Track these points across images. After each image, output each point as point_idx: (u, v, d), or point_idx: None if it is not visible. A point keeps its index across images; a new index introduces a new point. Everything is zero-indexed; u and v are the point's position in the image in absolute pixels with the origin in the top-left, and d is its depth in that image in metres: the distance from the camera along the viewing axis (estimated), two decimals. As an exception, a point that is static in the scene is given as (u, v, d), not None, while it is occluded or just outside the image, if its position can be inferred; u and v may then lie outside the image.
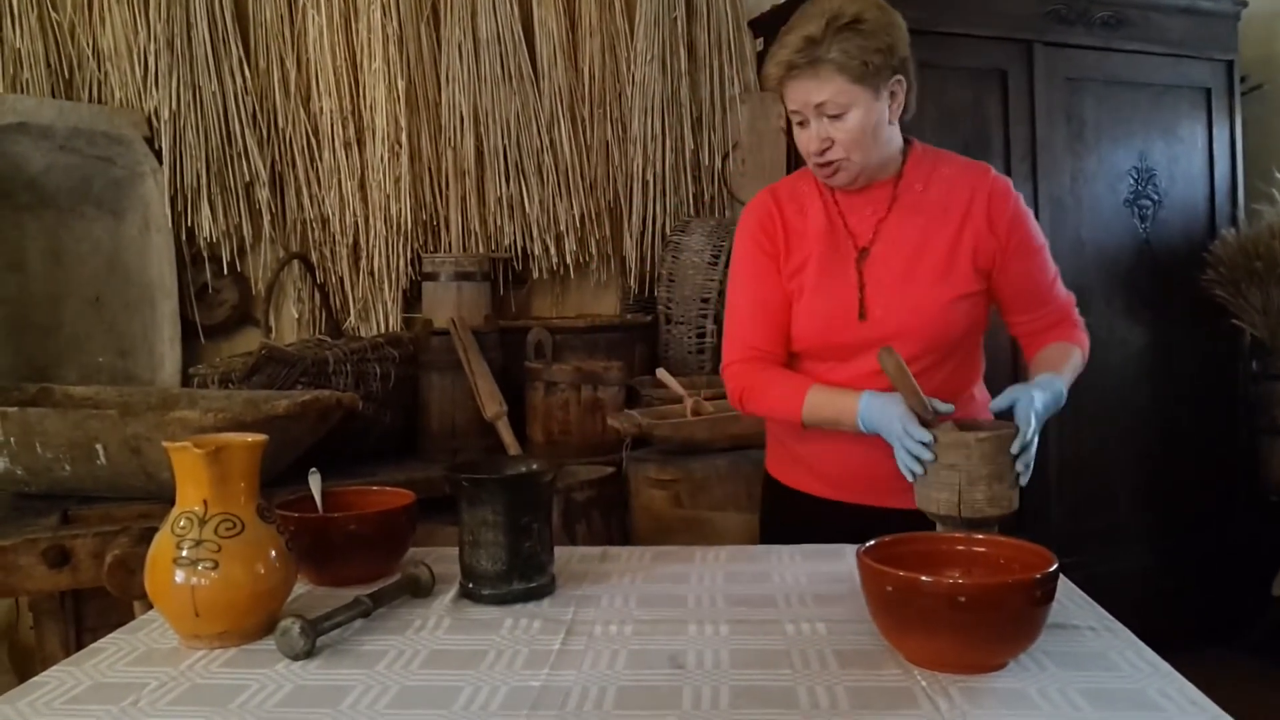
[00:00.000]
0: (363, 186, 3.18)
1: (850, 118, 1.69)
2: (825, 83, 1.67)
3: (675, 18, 3.48)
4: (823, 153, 1.72)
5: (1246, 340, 3.65)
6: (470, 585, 1.44)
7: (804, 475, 1.89)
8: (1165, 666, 1.12)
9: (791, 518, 1.89)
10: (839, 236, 1.80)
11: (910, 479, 1.57)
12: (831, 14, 1.65)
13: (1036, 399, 1.61)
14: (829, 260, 1.79)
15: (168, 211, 2.94)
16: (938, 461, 1.54)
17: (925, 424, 1.58)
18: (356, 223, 3.18)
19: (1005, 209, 1.78)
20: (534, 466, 1.52)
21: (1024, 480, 1.57)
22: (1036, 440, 1.59)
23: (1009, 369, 3.34)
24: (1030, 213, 1.85)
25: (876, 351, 1.62)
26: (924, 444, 1.54)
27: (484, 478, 1.46)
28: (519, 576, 1.43)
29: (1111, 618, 1.29)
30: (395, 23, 3.15)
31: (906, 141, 1.84)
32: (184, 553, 1.24)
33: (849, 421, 1.67)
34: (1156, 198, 3.58)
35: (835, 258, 1.79)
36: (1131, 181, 3.55)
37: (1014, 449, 1.53)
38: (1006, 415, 1.62)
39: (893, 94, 1.73)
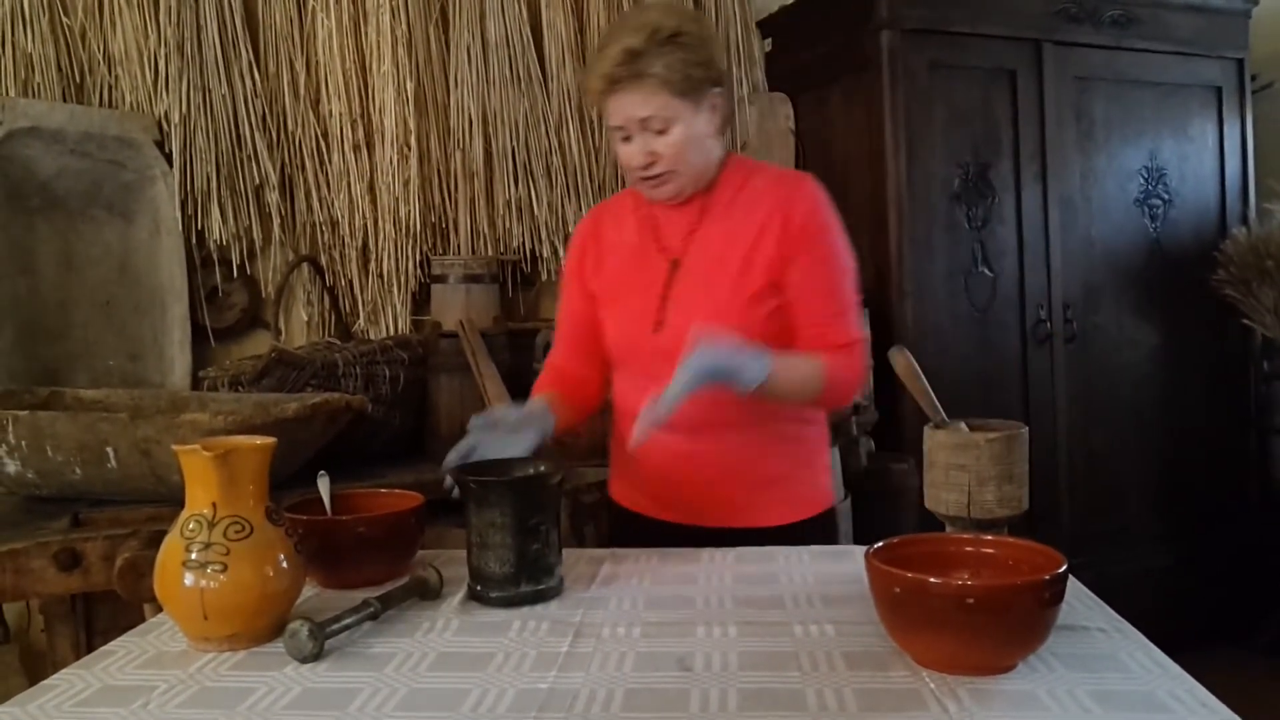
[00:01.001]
0: (372, 189, 3.19)
1: (674, 132, 1.68)
2: (649, 97, 1.65)
3: (683, 19, 3.47)
4: (648, 167, 1.70)
5: (1258, 340, 3.64)
6: (478, 588, 1.44)
7: (639, 496, 1.88)
8: (1175, 668, 1.12)
9: (632, 541, 1.81)
10: (648, 250, 1.80)
11: None
12: (652, 27, 1.64)
13: (708, 357, 1.52)
14: (634, 273, 1.80)
15: (178, 215, 2.94)
16: (947, 462, 1.53)
17: (937, 425, 1.58)
18: (365, 225, 3.18)
19: (801, 215, 1.72)
20: (542, 468, 1.52)
21: (640, 433, 1.51)
22: (678, 392, 1.49)
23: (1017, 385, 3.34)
24: (838, 232, 1.76)
25: (673, 365, 1.56)
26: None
27: (492, 480, 1.46)
28: (527, 579, 1.43)
29: (1121, 619, 1.29)
30: (404, 25, 3.15)
31: (727, 154, 1.82)
32: (193, 555, 1.24)
33: None
34: (1167, 197, 3.57)
35: (642, 270, 1.79)
36: (1141, 181, 3.54)
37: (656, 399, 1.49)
38: None
39: (713, 107, 1.72)
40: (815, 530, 1.81)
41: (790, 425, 1.81)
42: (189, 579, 1.24)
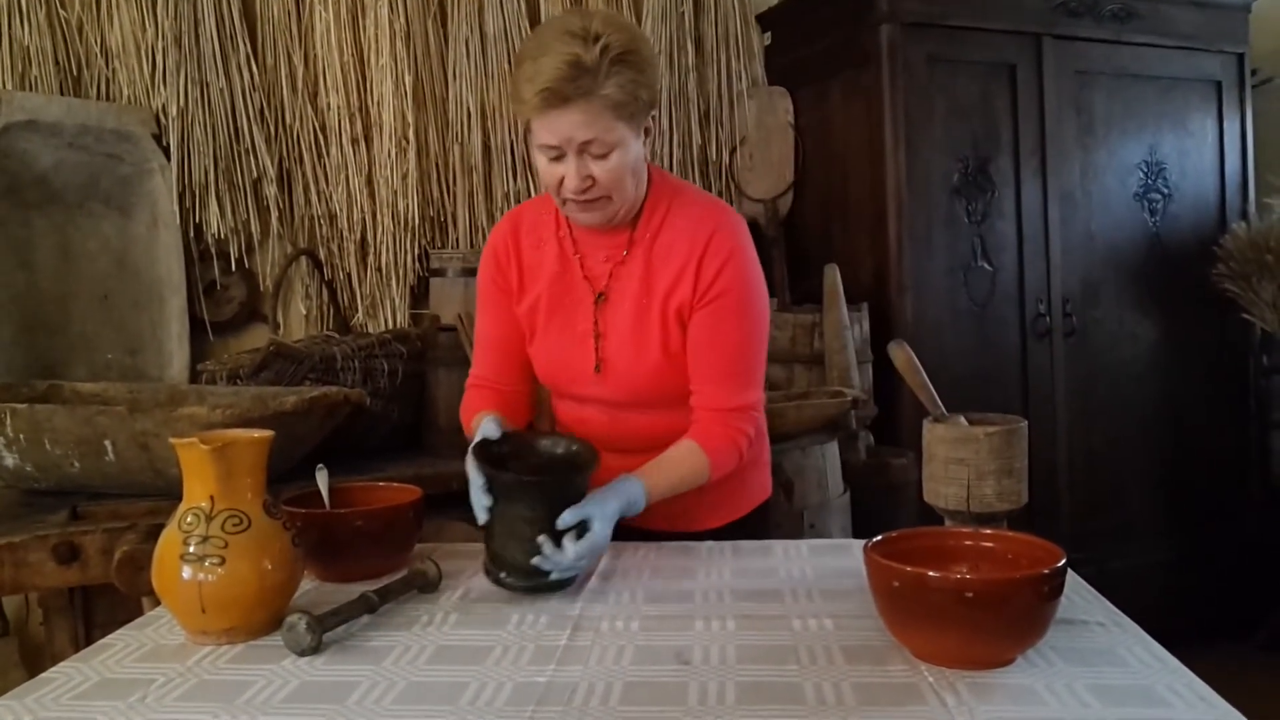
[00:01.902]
0: (370, 182, 3.19)
1: (614, 156, 1.55)
2: (595, 119, 1.50)
3: (682, 12, 3.48)
4: (583, 191, 1.56)
5: (1257, 334, 3.63)
6: (501, 574, 1.43)
7: None
8: (1174, 662, 1.12)
9: None
10: (574, 280, 1.70)
11: (479, 516, 1.47)
12: (603, 43, 1.48)
13: (609, 505, 1.48)
14: (562, 304, 1.71)
15: (176, 208, 2.94)
16: (946, 456, 1.53)
17: (936, 419, 1.57)
18: (364, 219, 3.18)
19: (713, 270, 1.63)
20: (574, 448, 1.52)
21: (541, 564, 1.40)
22: (583, 562, 1.44)
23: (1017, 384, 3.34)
24: (750, 285, 1.67)
25: (607, 397, 1.65)
26: (479, 488, 1.46)
27: (530, 480, 1.46)
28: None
29: (1120, 613, 1.29)
30: (402, 19, 3.15)
31: (649, 174, 1.70)
32: (191, 549, 1.24)
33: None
34: (1166, 191, 3.57)
35: (569, 302, 1.71)
36: (1141, 175, 3.53)
37: (562, 548, 1.40)
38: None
39: (647, 130, 1.61)
40: (748, 527, 1.80)
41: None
42: (187, 572, 1.24)
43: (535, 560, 1.40)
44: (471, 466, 1.47)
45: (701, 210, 1.69)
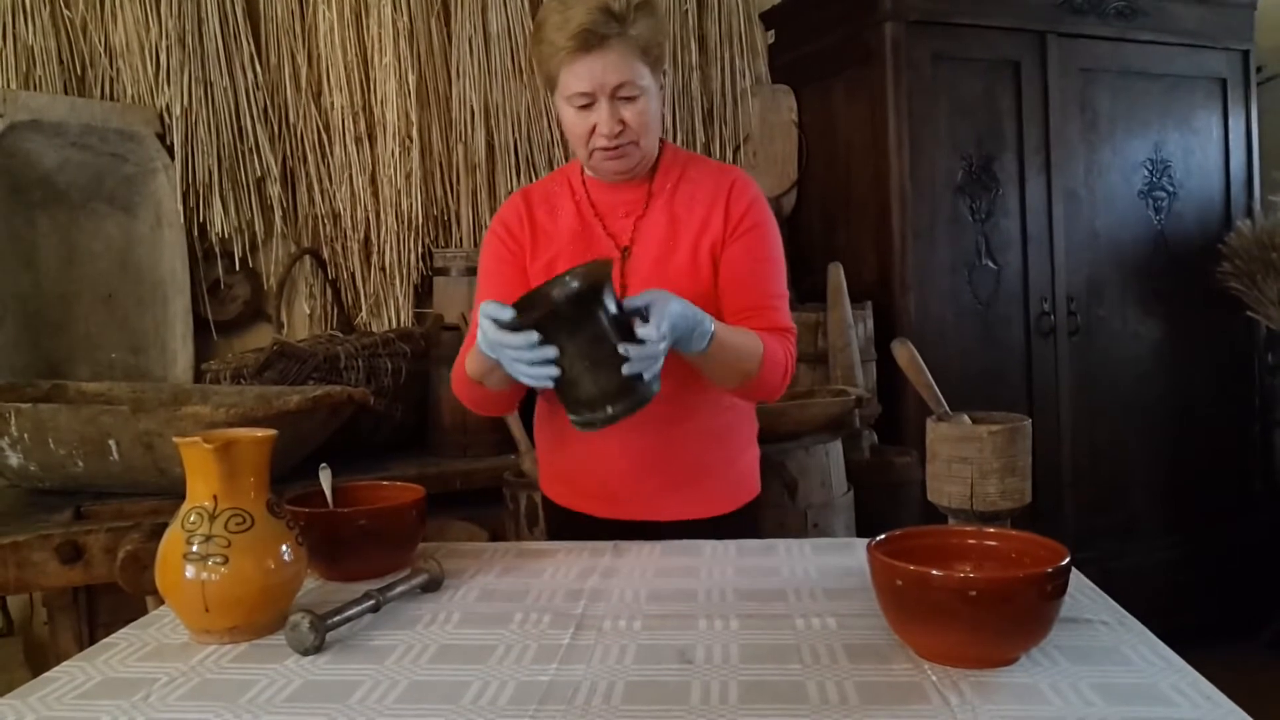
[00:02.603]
0: (374, 181, 3.19)
1: (641, 100, 1.61)
2: (625, 62, 1.58)
3: (686, 10, 3.48)
4: (616, 136, 1.61)
5: (1262, 332, 3.63)
6: (609, 408, 1.38)
7: (563, 489, 1.85)
8: (1179, 661, 1.11)
9: (562, 535, 1.81)
10: (596, 238, 1.73)
11: (544, 383, 1.41)
12: None
13: (674, 302, 1.45)
14: (584, 258, 1.68)
15: (179, 207, 2.95)
16: (950, 454, 1.53)
17: (940, 418, 1.57)
18: (368, 218, 3.19)
19: (742, 205, 1.70)
20: (579, 267, 1.38)
21: (632, 369, 1.37)
22: (665, 343, 1.41)
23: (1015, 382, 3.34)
24: (773, 225, 1.75)
25: None
26: (523, 345, 1.37)
27: (589, 277, 1.35)
28: (643, 376, 1.39)
29: (1124, 612, 1.28)
30: (406, 17, 3.15)
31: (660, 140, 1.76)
32: (194, 548, 1.24)
33: (481, 358, 1.54)
34: (1171, 189, 3.56)
35: (591, 255, 1.69)
36: (1146, 173, 3.52)
37: (640, 334, 1.38)
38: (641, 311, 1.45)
39: (662, 86, 1.69)
40: (736, 524, 1.79)
41: (717, 419, 1.76)
42: (190, 571, 1.23)
43: (627, 369, 1.36)
44: (507, 335, 1.39)
45: (718, 166, 1.80)
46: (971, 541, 1.27)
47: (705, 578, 1.48)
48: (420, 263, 3.23)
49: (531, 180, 3.25)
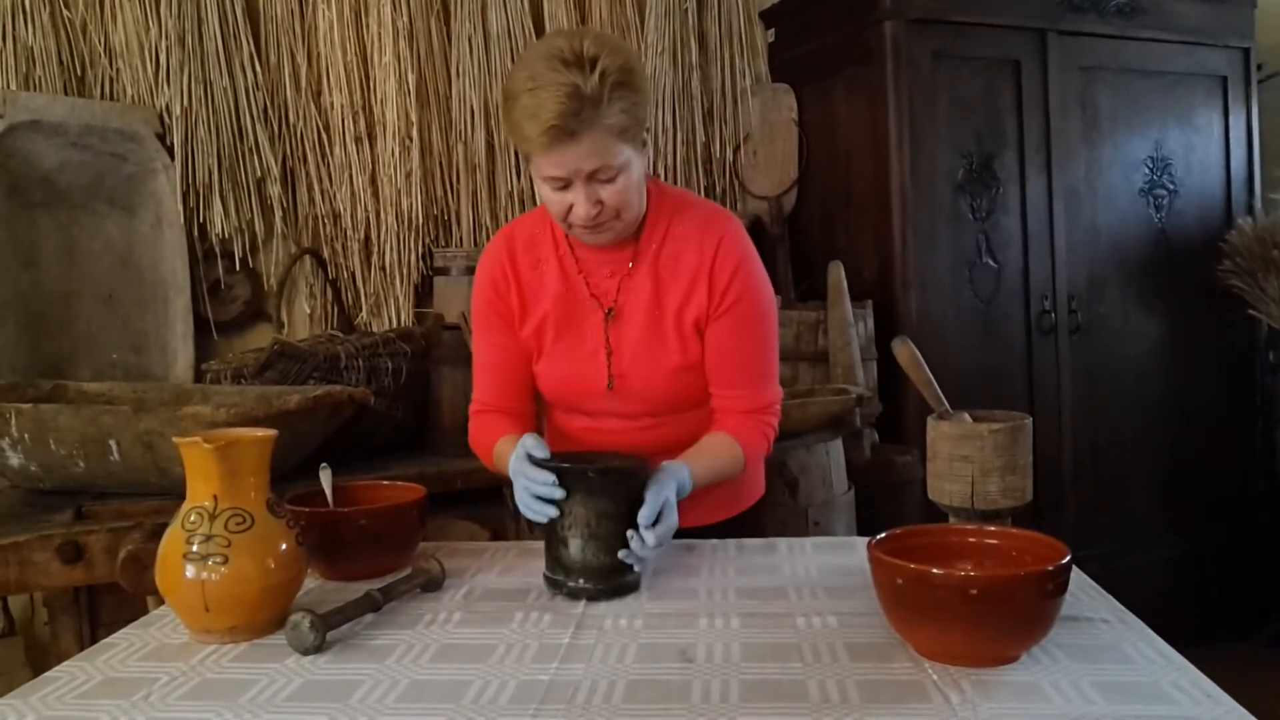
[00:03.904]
0: (374, 181, 3.19)
1: (620, 179, 1.53)
2: (601, 149, 1.48)
3: (686, 10, 3.48)
4: (594, 217, 1.54)
5: (1263, 330, 3.62)
6: (580, 581, 1.41)
7: None
8: (1179, 659, 1.11)
9: None
10: (579, 297, 1.68)
11: (538, 519, 1.45)
12: (600, 68, 1.44)
13: (669, 489, 1.48)
14: (569, 322, 1.68)
15: (180, 207, 2.94)
16: (951, 453, 1.53)
17: (940, 416, 1.57)
18: (368, 218, 3.19)
19: (726, 274, 1.64)
20: (620, 456, 1.52)
21: (637, 566, 1.43)
22: (668, 524, 1.45)
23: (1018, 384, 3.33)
24: (760, 285, 1.68)
25: (620, 409, 1.62)
26: (542, 483, 1.42)
27: (613, 467, 1.44)
28: (629, 568, 1.43)
29: (1125, 610, 1.28)
30: (405, 17, 3.15)
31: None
32: (194, 548, 1.24)
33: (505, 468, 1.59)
34: (1172, 187, 3.56)
35: (576, 319, 1.68)
36: (1147, 171, 3.52)
37: (641, 536, 1.40)
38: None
39: (645, 144, 1.59)
40: (743, 524, 1.80)
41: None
42: (190, 571, 1.24)
43: (623, 554, 1.40)
44: (531, 469, 1.44)
45: (704, 218, 1.68)
46: (972, 540, 1.27)
47: (706, 577, 1.49)
48: (420, 262, 3.23)
49: (531, 181, 3.24)
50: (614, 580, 1.41)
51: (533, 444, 1.48)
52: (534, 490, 1.44)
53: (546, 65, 1.45)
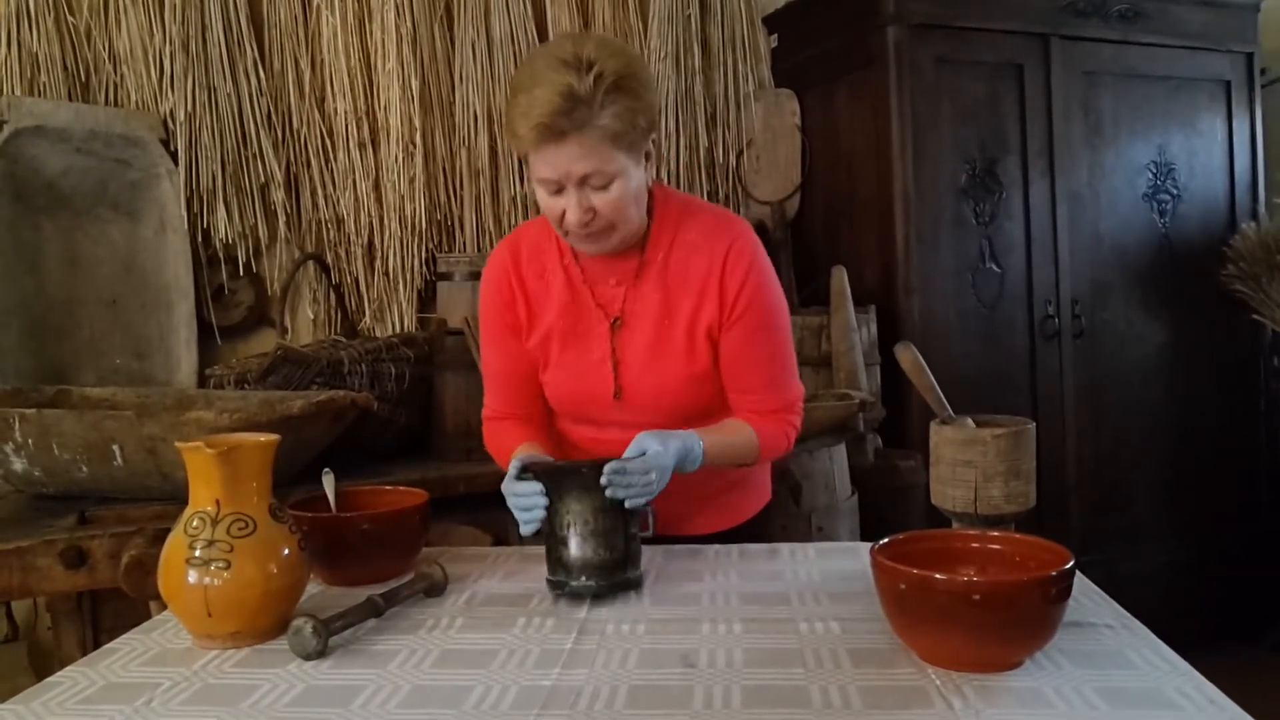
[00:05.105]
0: (377, 187, 3.20)
1: (614, 187, 1.50)
2: (592, 152, 1.46)
3: (689, 15, 3.48)
4: (585, 224, 1.52)
5: (1268, 335, 3.61)
6: (583, 579, 1.41)
7: None
8: (1184, 665, 1.11)
9: None
10: (585, 308, 1.67)
11: (530, 528, 1.46)
12: (596, 70, 1.43)
13: (665, 440, 1.49)
14: (574, 332, 1.67)
15: (183, 213, 2.95)
16: (954, 458, 1.53)
17: (943, 421, 1.57)
18: (371, 223, 3.19)
19: (736, 282, 1.61)
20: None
21: (613, 491, 1.41)
22: (654, 480, 1.45)
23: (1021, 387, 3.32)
24: (771, 289, 1.66)
25: (627, 419, 1.63)
26: (524, 494, 1.44)
27: (606, 460, 1.43)
28: (630, 564, 1.43)
29: (1129, 615, 1.28)
30: (409, 23, 3.16)
31: (650, 194, 1.64)
32: (196, 553, 1.24)
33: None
34: (1175, 192, 3.55)
35: (582, 329, 1.67)
36: (1150, 176, 3.52)
37: (613, 474, 1.40)
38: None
39: (648, 155, 1.56)
40: (750, 530, 1.80)
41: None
42: (192, 576, 1.23)
43: (609, 491, 1.40)
44: (515, 484, 1.47)
45: (712, 223, 1.66)
46: (975, 545, 1.27)
47: (708, 582, 1.48)
48: (424, 267, 3.24)
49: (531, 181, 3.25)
50: (616, 576, 1.41)
51: (532, 453, 1.50)
52: (518, 503, 1.46)
53: (546, 65, 1.46)
